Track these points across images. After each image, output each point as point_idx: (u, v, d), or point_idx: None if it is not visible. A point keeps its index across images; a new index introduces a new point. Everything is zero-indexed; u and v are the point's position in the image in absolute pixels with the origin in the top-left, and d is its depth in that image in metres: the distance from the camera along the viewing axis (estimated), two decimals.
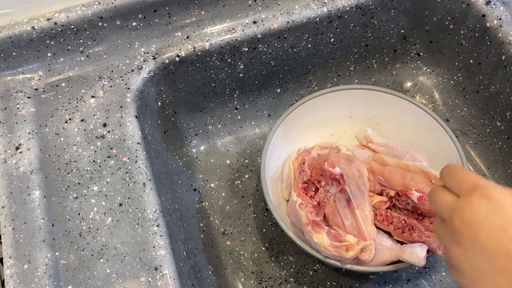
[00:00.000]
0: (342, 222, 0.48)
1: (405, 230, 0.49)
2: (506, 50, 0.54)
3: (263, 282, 0.55)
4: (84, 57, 0.52)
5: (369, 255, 0.47)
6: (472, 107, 0.61)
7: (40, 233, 0.42)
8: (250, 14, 0.54)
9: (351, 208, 0.48)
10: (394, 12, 0.59)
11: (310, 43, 0.58)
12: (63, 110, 0.49)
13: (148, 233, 0.42)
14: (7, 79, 0.50)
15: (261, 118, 0.64)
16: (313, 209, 0.49)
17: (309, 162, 0.52)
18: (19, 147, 0.46)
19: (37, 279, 0.40)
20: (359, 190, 0.49)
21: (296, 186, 0.51)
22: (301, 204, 0.49)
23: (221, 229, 0.58)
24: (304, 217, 0.48)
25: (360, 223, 0.48)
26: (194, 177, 0.61)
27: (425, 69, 0.66)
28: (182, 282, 0.42)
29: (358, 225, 0.48)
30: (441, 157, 0.53)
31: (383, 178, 0.51)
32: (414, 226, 0.48)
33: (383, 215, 0.50)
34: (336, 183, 0.50)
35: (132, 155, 0.46)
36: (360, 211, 0.48)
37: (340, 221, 0.48)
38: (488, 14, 0.55)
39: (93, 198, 0.44)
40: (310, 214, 0.48)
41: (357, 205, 0.48)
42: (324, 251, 0.46)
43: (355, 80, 0.65)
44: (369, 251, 0.47)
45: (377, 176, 0.52)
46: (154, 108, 0.55)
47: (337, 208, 0.49)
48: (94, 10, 0.50)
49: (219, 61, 0.55)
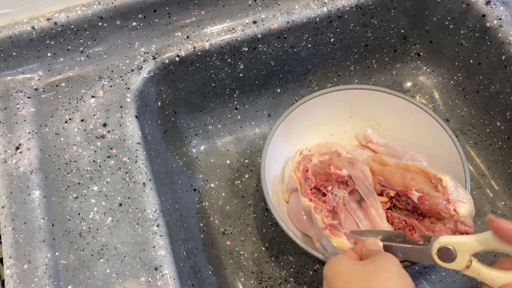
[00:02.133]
0: (356, 224, 0.48)
1: (405, 231, 0.49)
2: (506, 50, 0.54)
3: (263, 282, 0.55)
4: (84, 57, 0.52)
5: None
6: (472, 107, 0.61)
7: (40, 233, 0.42)
8: (250, 14, 0.54)
9: (363, 208, 0.48)
10: (394, 12, 0.59)
11: (310, 43, 0.58)
12: (63, 110, 0.49)
13: (148, 233, 0.42)
14: (7, 79, 0.50)
15: (261, 118, 0.64)
16: (328, 213, 0.48)
17: (312, 169, 0.51)
18: (19, 147, 0.46)
19: (37, 279, 0.40)
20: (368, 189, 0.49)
21: (305, 193, 0.51)
22: (316, 208, 0.49)
23: (221, 229, 0.58)
24: (320, 222, 0.47)
25: (377, 221, 0.47)
26: (194, 177, 0.61)
27: (425, 69, 0.66)
28: (182, 282, 0.42)
29: (373, 224, 0.48)
30: (441, 157, 0.53)
31: (383, 178, 0.51)
32: (415, 226, 0.48)
33: None
34: (343, 185, 0.49)
35: (132, 155, 0.46)
36: (374, 209, 0.48)
37: (354, 224, 0.48)
38: (488, 14, 0.55)
39: (93, 198, 0.44)
40: (326, 218, 0.48)
41: (371, 204, 0.48)
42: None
43: (355, 80, 0.65)
44: None
45: (377, 176, 0.52)
46: (154, 108, 0.55)
47: (348, 211, 0.49)
48: (94, 10, 0.50)
49: (219, 61, 0.55)
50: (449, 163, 0.52)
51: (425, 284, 0.54)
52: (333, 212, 0.49)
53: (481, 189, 0.59)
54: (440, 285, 0.54)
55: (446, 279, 0.54)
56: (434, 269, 0.55)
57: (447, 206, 0.45)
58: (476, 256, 0.38)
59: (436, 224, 0.47)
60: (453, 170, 0.51)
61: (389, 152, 0.55)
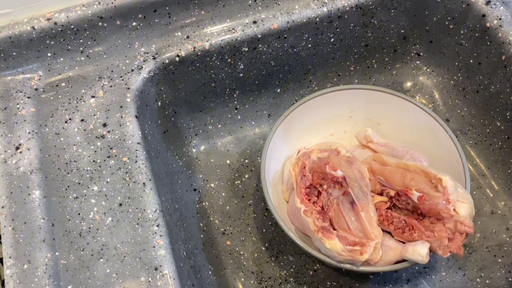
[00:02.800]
0: (347, 225, 0.48)
1: (405, 230, 0.49)
2: (506, 50, 0.54)
3: (263, 282, 0.55)
4: (84, 57, 0.52)
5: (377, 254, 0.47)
6: (472, 107, 0.61)
7: (40, 233, 0.42)
8: (250, 14, 0.54)
9: (355, 211, 0.48)
10: (394, 12, 0.59)
11: (310, 43, 0.58)
12: (63, 110, 0.49)
13: (148, 233, 0.42)
14: (7, 79, 0.50)
15: (261, 118, 0.64)
16: (318, 215, 0.49)
17: (310, 166, 0.52)
18: (19, 147, 0.46)
19: (37, 279, 0.40)
20: (362, 191, 0.49)
21: (299, 192, 0.51)
22: (306, 211, 0.49)
23: (221, 229, 0.58)
24: (311, 224, 0.47)
25: (366, 225, 0.47)
26: (194, 177, 0.61)
27: (425, 69, 0.66)
28: (182, 282, 0.42)
29: (363, 227, 0.48)
30: (441, 157, 0.53)
31: (383, 178, 0.51)
32: (415, 226, 0.48)
33: (383, 215, 0.50)
34: (338, 186, 0.49)
35: (132, 155, 0.46)
36: (364, 213, 0.48)
37: (345, 224, 0.48)
38: (488, 14, 0.55)
39: (93, 198, 0.44)
40: (317, 220, 0.48)
41: (361, 207, 0.48)
42: (337, 257, 0.46)
43: (355, 80, 0.65)
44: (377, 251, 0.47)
45: (377, 176, 0.52)
46: (154, 108, 0.55)
47: (341, 211, 0.49)
48: (94, 10, 0.50)
49: (219, 61, 0.55)
50: (449, 163, 0.52)
51: (425, 284, 0.54)
52: (323, 212, 0.49)
53: (481, 189, 0.59)
54: (440, 285, 0.54)
55: (446, 279, 0.54)
56: (434, 269, 0.55)
57: (447, 206, 0.45)
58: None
59: (435, 224, 0.47)
60: (453, 170, 0.51)
61: (390, 152, 0.55)
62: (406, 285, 0.54)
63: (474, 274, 0.54)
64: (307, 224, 0.48)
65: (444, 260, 0.55)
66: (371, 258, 0.47)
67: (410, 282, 0.54)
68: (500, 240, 0.56)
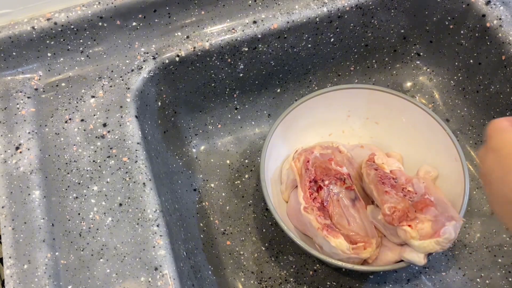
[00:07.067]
0: (347, 221, 0.48)
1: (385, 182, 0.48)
2: (506, 50, 0.54)
3: (263, 282, 0.55)
4: (84, 57, 0.52)
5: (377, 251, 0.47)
6: (472, 107, 0.61)
7: (40, 233, 0.42)
8: (250, 14, 0.54)
9: (357, 207, 0.48)
10: (394, 12, 0.59)
11: (310, 43, 0.58)
12: (63, 110, 0.49)
13: (148, 233, 0.42)
14: (7, 79, 0.50)
15: (261, 118, 0.64)
16: (319, 212, 0.48)
17: (313, 160, 0.52)
18: (19, 147, 0.46)
19: (37, 279, 0.40)
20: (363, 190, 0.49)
21: (303, 185, 0.50)
22: (306, 207, 0.49)
23: (221, 229, 0.58)
24: (314, 222, 0.47)
25: (368, 222, 0.48)
26: (194, 177, 0.61)
27: (425, 69, 0.66)
28: (182, 282, 0.42)
29: (364, 224, 0.48)
30: (441, 157, 0.53)
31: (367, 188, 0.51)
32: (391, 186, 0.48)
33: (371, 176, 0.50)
34: (340, 182, 0.49)
35: (132, 155, 0.46)
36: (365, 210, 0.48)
37: (345, 221, 0.48)
38: (488, 14, 0.55)
39: (93, 198, 0.44)
40: (319, 217, 0.48)
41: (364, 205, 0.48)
42: (340, 255, 0.46)
43: (355, 80, 0.65)
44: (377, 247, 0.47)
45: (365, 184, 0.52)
46: (154, 108, 0.55)
47: (341, 207, 0.49)
48: (94, 10, 0.50)
49: (219, 61, 0.55)
50: (449, 163, 0.52)
51: (425, 284, 0.54)
52: (324, 209, 0.49)
53: (481, 189, 0.59)
54: (440, 285, 0.54)
55: (446, 279, 0.54)
56: (434, 269, 0.55)
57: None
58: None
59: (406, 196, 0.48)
60: (452, 170, 0.51)
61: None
62: (406, 285, 0.54)
63: (474, 274, 0.54)
64: (307, 223, 0.48)
65: (444, 260, 0.55)
66: (371, 255, 0.47)
67: (410, 282, 0.54)
68: (500, 240, 0.56)
